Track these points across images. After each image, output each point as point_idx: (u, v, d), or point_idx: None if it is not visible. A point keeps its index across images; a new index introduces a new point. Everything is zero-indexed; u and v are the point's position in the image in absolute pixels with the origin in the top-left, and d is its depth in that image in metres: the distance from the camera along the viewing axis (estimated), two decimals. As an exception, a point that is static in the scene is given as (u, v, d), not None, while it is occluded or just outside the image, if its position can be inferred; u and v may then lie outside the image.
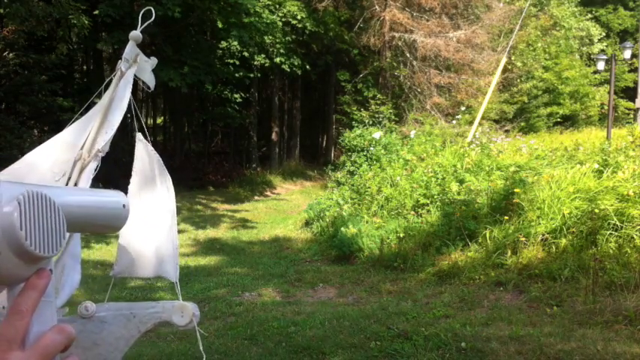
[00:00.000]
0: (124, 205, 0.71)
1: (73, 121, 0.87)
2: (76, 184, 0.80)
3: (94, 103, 0.97)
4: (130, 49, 0.90)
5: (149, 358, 3.87)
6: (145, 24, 0.97)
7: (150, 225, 0.83)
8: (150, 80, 0.96)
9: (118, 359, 0.69)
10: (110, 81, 0.88)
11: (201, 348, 0.78)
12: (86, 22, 10.68)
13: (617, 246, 5.32)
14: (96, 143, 0.83)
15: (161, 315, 0.72)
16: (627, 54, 19.13)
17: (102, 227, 0.70)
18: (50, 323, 0.53)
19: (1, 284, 0.54)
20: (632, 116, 25.52)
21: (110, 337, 0.69)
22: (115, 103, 0.86)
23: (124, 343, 0.69)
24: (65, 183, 0.81)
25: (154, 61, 0.94)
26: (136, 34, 0.92)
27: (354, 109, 17.13)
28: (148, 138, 0.89)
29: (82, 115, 0.94)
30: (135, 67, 0.90)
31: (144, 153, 0.86)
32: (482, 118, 13.43)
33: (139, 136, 0.88)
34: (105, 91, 0.87)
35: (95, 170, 0.88)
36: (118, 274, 0.84)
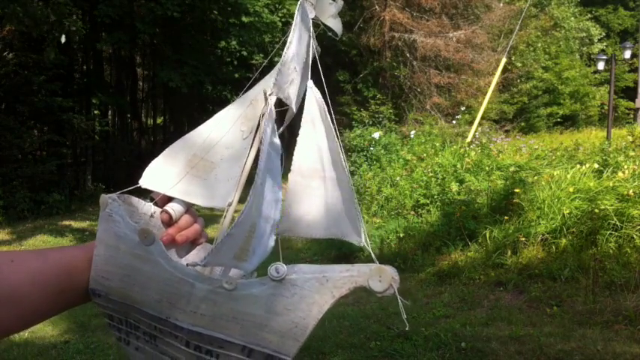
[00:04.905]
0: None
1: (255, 81, 0.82)
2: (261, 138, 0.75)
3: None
4: None
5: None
6: None
7: (323, 178, 0.75)
8: (335, 26, 0.84)
9: (311, 326, 0.65)
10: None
11: (404, 317, 0.68)
12: (81, 27, 10.67)
13: (617, 246, 5.31)
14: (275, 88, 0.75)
15: (357, 279, 0.65)
16: (627, 54, 19.18)
17: None
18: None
19: None
20: (632, 116, 25.52)
21: (302, 303, 0.65)
22: (294, 47, 0.79)
23: (318, 310, 0.64)
24: (252, 139, 0.78)
25: (339, 3, 0.84)
26: None
27: (354, 109, 17.13)
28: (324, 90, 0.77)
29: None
30: (312, 10, 0.81)
31: (313, 101, 0.77)
32: (482, 118, 13.43)
33: (309, 83, 0.77)
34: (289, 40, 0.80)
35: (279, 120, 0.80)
36: (282, 233, 0.76)
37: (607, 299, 4.56)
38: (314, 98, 0.79)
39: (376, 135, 11.66)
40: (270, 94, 0.78)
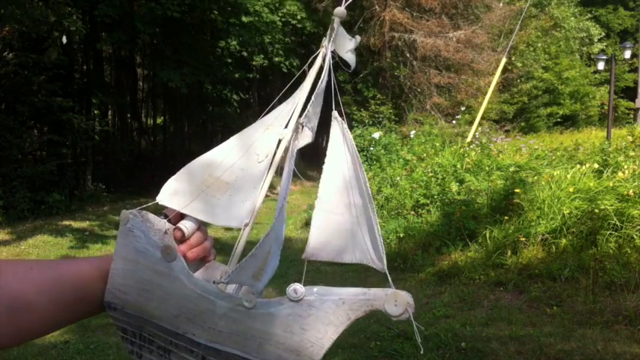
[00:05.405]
0: None
1: (271, 108, 0.86)
2: (280, 164, 0.78)
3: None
4: (336, 27, 0.85)
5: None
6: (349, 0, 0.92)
7: (348, 205, 0.79)
8: (351, 59, 0.91)
9: (326, 346, 0.68)
10: (313, 60, 0.85)
11: (418, 341, 0.71)
12: (81, 27, 10.67)
13: (617, 246, 5.31)
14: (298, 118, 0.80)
15: (373, 303, 0.69)
16: (627, 54, 19.19)
17: None
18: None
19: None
20: (632, 116, 25.53)
21: (318, 323, 0.67)
22: (320, 83, 0.83)
23: (333, 330, 0.68)
24: (269, 163, 0.81)
25: (357, 39, 0.90)
26: (340, 10, 0.84)
27: (354, 109, 17.11)
28: (344, 117, 0.81)
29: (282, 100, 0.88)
30: (333, 45, 0.87)
31: (338, 131, 0.80)
32: (482, 118, 13.42)
33: (334, 114, 0.80)
34: (308, 71, 0.84)
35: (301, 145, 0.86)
36: (309, 257, 0.80)
37: (607, 299, 4.56)
38: (339, 129, 0.82)
39: (376, 135, 11.67)
40: (302, 124, 0.82)
